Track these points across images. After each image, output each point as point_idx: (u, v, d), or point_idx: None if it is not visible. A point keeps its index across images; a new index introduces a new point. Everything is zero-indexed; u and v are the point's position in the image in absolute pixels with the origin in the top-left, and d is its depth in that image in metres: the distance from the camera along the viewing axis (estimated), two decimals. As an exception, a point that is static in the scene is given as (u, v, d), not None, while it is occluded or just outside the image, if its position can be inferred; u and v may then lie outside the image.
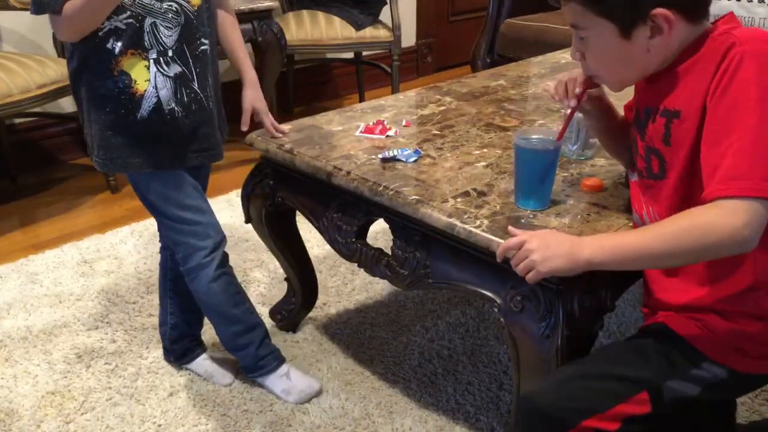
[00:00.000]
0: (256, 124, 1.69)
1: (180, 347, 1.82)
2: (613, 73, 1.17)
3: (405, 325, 2.01)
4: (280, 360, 1.75)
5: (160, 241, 1.76)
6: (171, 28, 1.44)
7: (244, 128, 1.66)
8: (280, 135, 1.68)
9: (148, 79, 1.44)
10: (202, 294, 1.63)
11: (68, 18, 1.35)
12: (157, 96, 1.46)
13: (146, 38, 1.42)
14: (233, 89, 1.75)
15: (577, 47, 1.16)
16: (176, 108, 1.49)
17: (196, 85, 1.51)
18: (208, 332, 1.89)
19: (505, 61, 2.95)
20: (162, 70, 1.45)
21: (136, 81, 1.44)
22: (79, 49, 1.44)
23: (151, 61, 1.44)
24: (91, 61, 1.43)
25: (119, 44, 1.41)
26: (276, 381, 1.73)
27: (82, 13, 1.35)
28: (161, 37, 1.43)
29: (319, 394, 1.73)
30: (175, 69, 1.47)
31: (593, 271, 1.09)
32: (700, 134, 1.05)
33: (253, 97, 1.66)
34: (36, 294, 2.16)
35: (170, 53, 1.45)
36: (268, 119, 1.68)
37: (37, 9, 1.38)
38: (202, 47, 1.51)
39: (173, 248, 1.64)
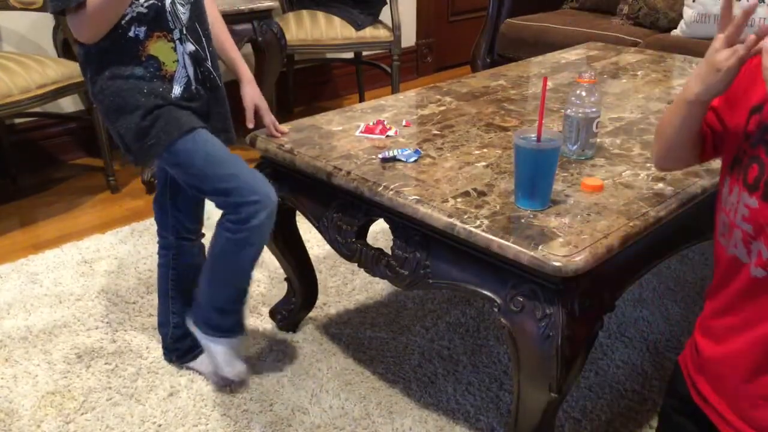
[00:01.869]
0: (257, 122, 1.69)
1: (183, 345, 1.81)
2: None
3: (405, 325, 2.01)
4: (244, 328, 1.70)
5: (158, 242, 1.76)
6: (184, 5, 1.44)
7: (251, 125, 1.65)
8: (279, 135, 1.68)
9: (176, 60, 1.44)
10: (264, 237, 1.51)
11: (91, 13, 1.32)
12: (187, 75, 1.46)
13: (169, 18, 1.41)
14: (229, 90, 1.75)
15: None
16: (196, 86, 1.49)
17: (209, 63, 1.51)
18: (208, 332, 1.89)
19: (505, 61, 2.95)
20: (184, 49, 1.46)
21: (164, 63, 1.43)
22: (98, 46, 1.40)
23: (177, 41, 1.43)
24: (112, 53, 1.41)
25: (143, 29, 1.39)
26: (226, 347, 1.65)
27: (105, 4, 1.31)
28: (179, 15, 1.43)
29: (243, 379, 1.70)
30: (189, 47, 1.47)
31: (593, 271, 1.09)
32: None
33: (253, 94, 1.66)
34: (36, 294, 2.16)
35: (184, 30, 1.45)
36: (269, 117, 1.67)
37: (58, 5, 1.32)
38: (209, 26, 1.51)
39: (234, 210, 1.48)
